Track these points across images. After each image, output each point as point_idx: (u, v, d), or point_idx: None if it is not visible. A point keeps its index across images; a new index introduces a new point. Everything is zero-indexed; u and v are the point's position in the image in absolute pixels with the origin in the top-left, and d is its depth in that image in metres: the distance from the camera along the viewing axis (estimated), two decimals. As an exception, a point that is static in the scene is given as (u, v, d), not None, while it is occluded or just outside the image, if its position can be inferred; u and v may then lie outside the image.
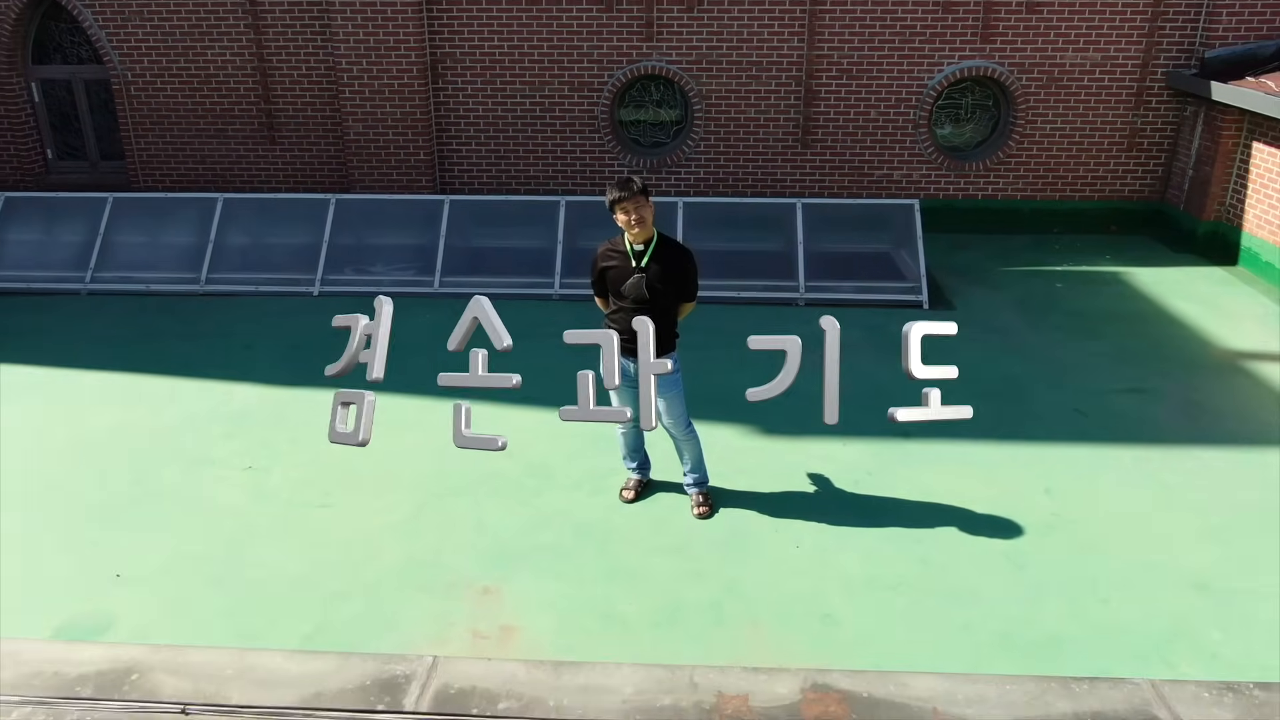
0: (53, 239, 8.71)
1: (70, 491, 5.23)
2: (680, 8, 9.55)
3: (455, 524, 4.87)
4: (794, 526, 4.86)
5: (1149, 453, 5.65)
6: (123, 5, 9.82)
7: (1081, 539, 4.75)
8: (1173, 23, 9.32)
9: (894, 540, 4.71)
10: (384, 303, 3.21)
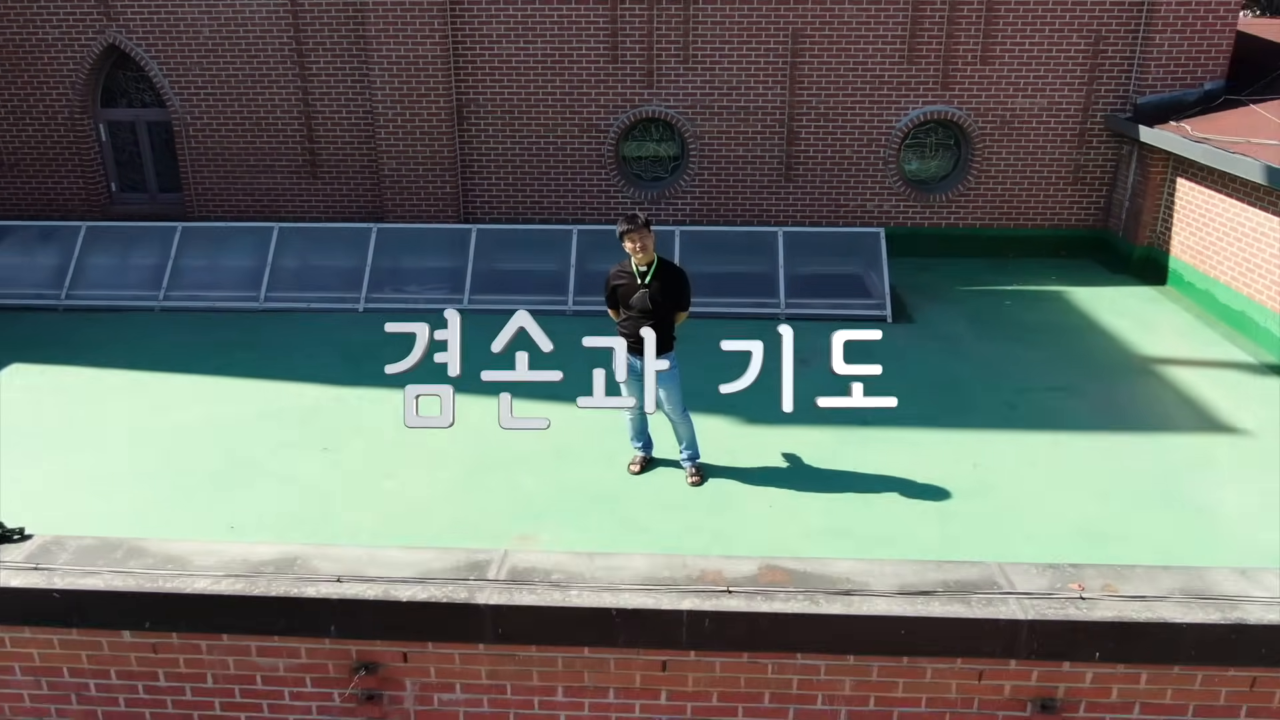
0: (129, 263, 9.97)
1: (180, 468, 6.44)
2: (676, 59, 10.88)
3: (495, 492, 6.09)
4: (769, 492, 6.09)
5: (1063, 437, 6.88)
6: (184, 57, 11.14)
7: (998, 501, 5.97)
8: (1109, 73, 10.66)
9: (847, 501, 5.94)
10: (453, 314, 4.43)
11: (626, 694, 3.84)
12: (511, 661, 3.82)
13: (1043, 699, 3.73)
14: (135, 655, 3.93)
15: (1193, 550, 5.34)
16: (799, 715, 3.80)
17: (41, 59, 11.29)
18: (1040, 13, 10.49)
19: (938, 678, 3.74)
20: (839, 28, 10.65)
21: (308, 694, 3.94)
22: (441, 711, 3.93)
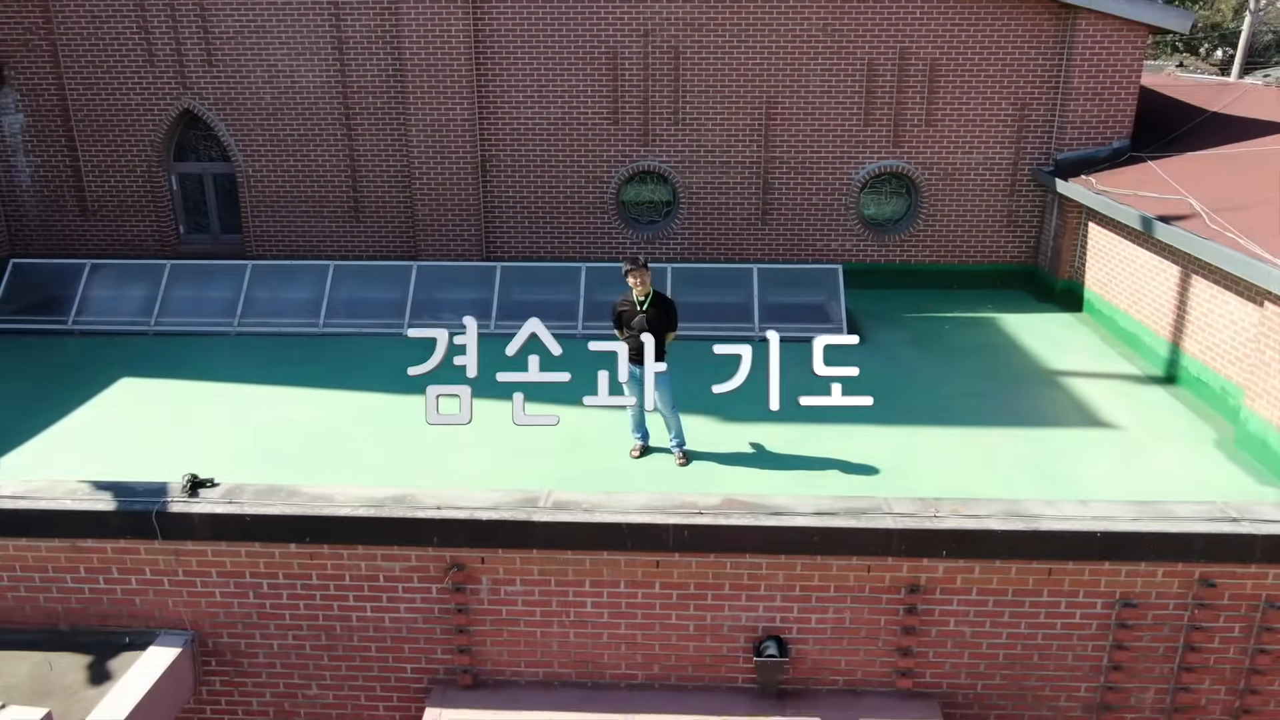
0: (207, 295, 11.88)
1: (274, 457, 8.28)
2: (668, 121, 12.89)
3: (527, 470, 7.92)
4: (743, 471, 7.96)
5: (974, 430, 8.78)
6: (248, 119, 13.13)
7: (915, 475, 7.84)
8: (1033, 133, 12.69)
9: (806, 475, 7.79)
10: (470, 321, 6.26)
11: (632, 584, 5.69)
12: (554, 562, 5.68)
13: (910, 584, 5.59)
14: (297, 561, 5.78)
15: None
16: (749, 596, 5.65)
17: (126, 121, 13.26)
18: (974, 83, 12.53)
19: (841, 570, 5.60)
20: (805, 95, 12.68)
21: (415, 588, 5.79)
22: (505, 599, 5.78)
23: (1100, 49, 12.13)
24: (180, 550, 5.78)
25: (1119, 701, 5.79)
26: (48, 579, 5.89)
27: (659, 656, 5.82)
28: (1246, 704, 5.73)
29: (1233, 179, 10.45)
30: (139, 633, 5.92)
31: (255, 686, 6.08)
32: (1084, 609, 5.60)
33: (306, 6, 12.61)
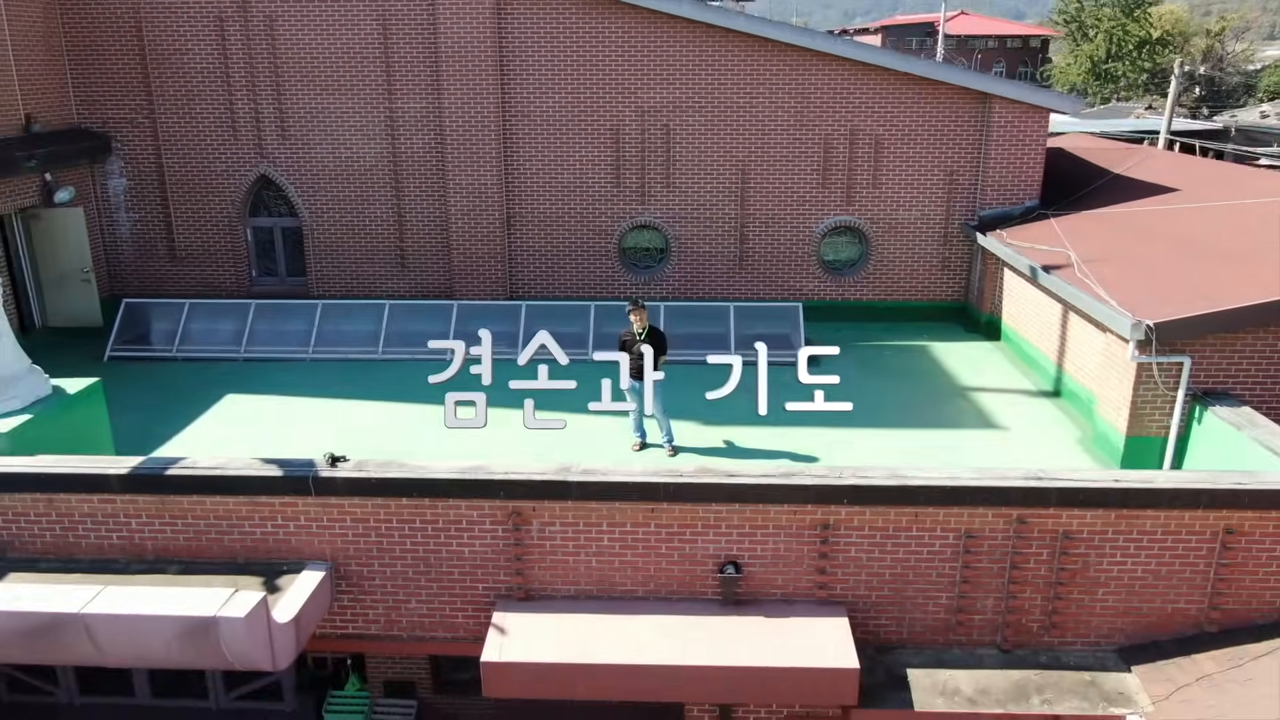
0: (285, 328, 14.66)
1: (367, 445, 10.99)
2: (661, 184, 15.76)
3: (552, 460, 10.65)
4: (725, 460, 10.69)
5: (896, 430, 11.53)
6: (313, 183, 15.98)
7: (844, 459, 10.57)
8: (961, 194, 15.58)
9: (763, 460, 10.54)
10: (485, 333, 9.02)
11: (634, 525, 8.40)
12: (582, 510, 8.39)
13: (823, 523, 8.30)
14: (405, 511, 8.48)
15: (938, 480, 9.95)
16: (714, 533, 8.36)
17: (211, 183, 16.12)
18: (911, 154, 15.44)
19: (776, 515, 8.31)
20: (774, 162, 15.58)
21: (487, 529, 8.50)
22: (549, 536, 8.48)
23: (1011, 127, 15.06)
24: (325, 504, 8.50)
25: (968, 605, 8.49)
26: (231, 525, 8.59)
27: (654, 576, 8.53)
28: (1055, 606, 8.44)
29: (1107, 235, 13.32)
30: (294, 563, 8.61)
31: (372, 601, 8.77)
32: (941, 540, 8.32)
33: (365, 91, 15.52)
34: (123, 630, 7.35)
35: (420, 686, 11.66)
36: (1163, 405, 10.31)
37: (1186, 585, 8.36)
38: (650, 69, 15.25)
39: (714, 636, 8.19)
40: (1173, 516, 8.21)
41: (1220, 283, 10.63)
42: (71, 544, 8.71)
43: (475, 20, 14.93)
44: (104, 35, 15.53)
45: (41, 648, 7.53)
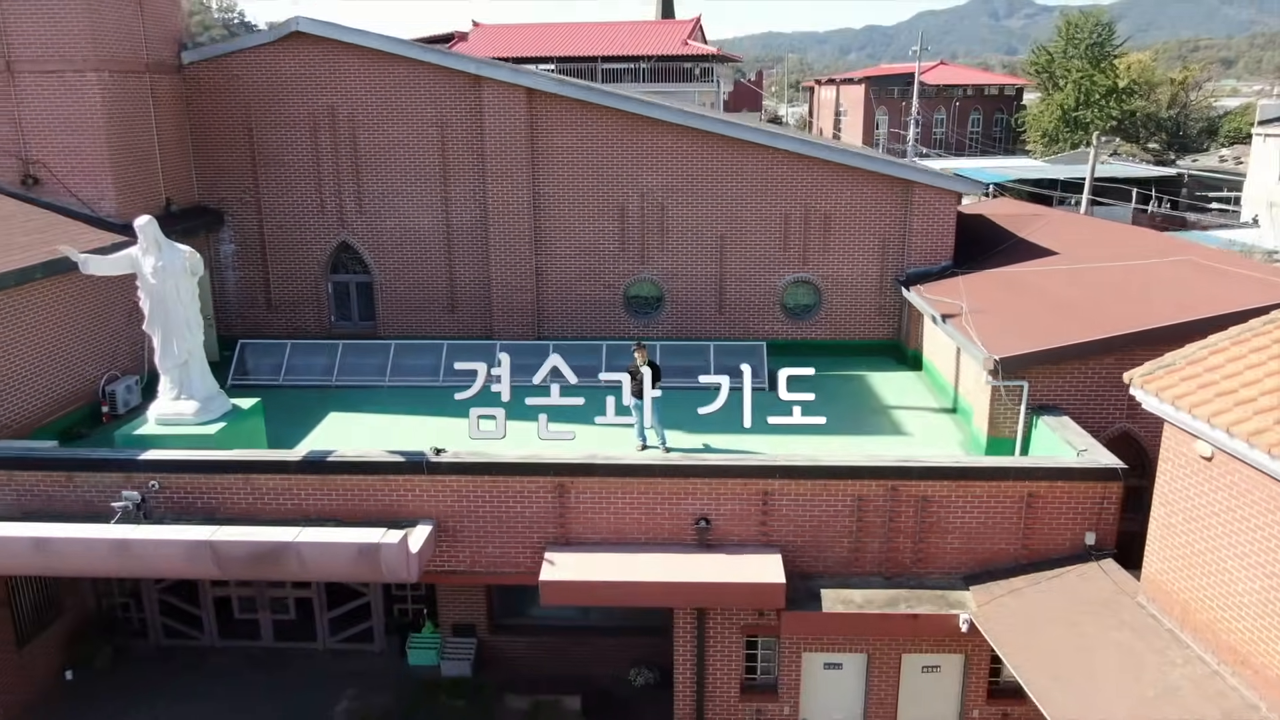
0: (365, 361, 19.05)
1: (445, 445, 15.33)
2: (658, 247, 20.24)
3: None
4: (709, 457, 15.04)
5: (830, 435, 15.86)
6: (383, 247, 20.45)
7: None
8: (892, 256, 20.06)
9: (733, 453, 14.89)
10: (505, 356, 13.42)
11: (640, 493, 12.72)
12: (604, 483, 12.73)
13: (765, 490, 12.64)
14: (486, 483, 12.81)
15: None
16: (693, 499, 12.68)
17: (301, 248, 20.58)
18: (853, 225, 19.93)
19: (732, 485, 12.65)
20: (745, 232, 20.06)
21: (540, 496, 12.82)
22: (581, 502, 12.80)
23: (928, 205, 19.58)
24: (433, 480, 12.84)
25: (861, 547, 12.82)
26: (370, 494, 12.91)
27: (652, 527, 12.86)
28: (918, 548, 12.76)
29: (994, 289, 17.76)
30: (411, 520, 12.92)
31: (462, 546, 13.08)
32: (842, 503, 12.67)
33: (425, 177, 20.05)
34: (319, 553, 11.69)
35: (479, 628, 16.03)
36: (1011, 416, 14.68)
37: (1005, 532, 12.73)
38: (647, 160, 19.79)
39: (692, 565, 12.54)
40: (993, 486, 12.60)
41: (1056, 328, 15.04)
42: (260, 509, 13.04)
43: (512, 123, 19.49)
44: (222, 134, 20.06)
45: (263, 567, 11.87)
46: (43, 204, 17.44)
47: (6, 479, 13.15)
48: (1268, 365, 10.22)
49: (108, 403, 16.87)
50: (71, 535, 11.93)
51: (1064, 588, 12.24)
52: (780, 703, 13.75)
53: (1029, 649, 11.29)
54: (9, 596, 14.93)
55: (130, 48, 18.13)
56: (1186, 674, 10.31)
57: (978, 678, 13.56)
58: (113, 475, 13.00)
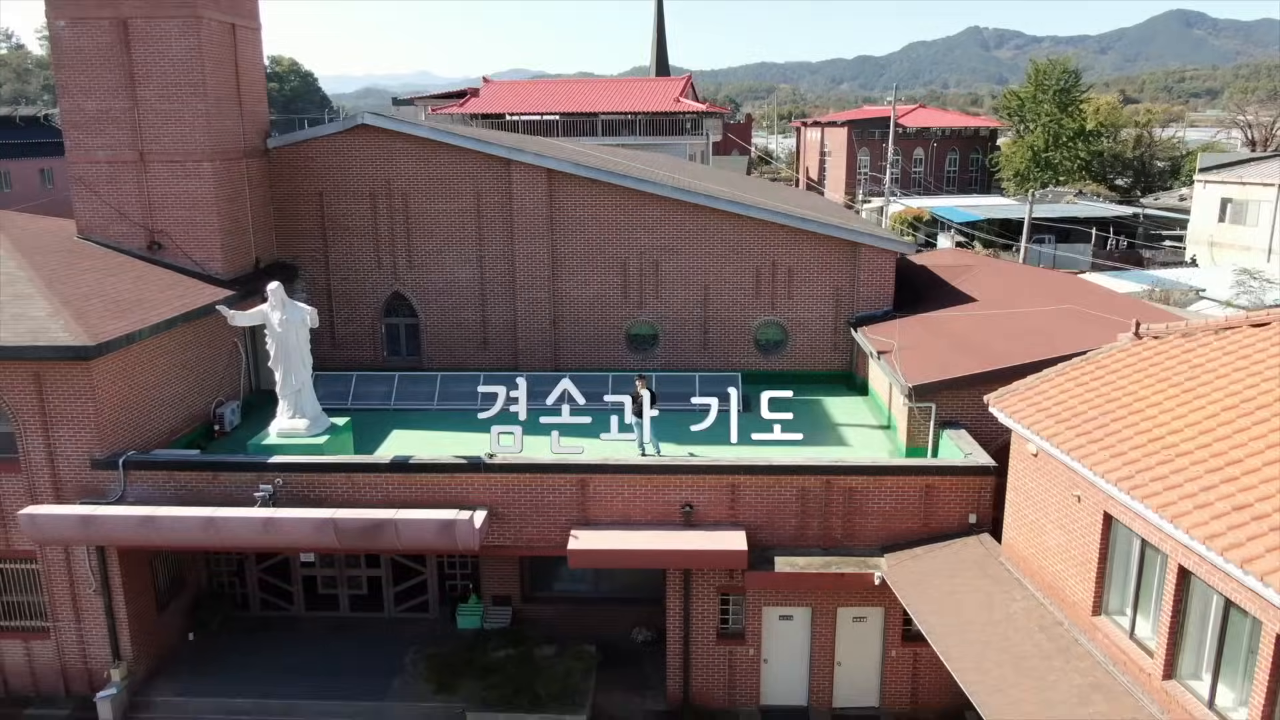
0: (418, 389, 23.68)
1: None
2: (653, 296, 24.99)
3: (596, 461, 19.65)
4: (692, 460, 19.68)
5: (791, 449, 20.52)
6: (429, 296, 25.15)
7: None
8: (844, 302, 24.81)
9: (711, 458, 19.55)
10: (522, 380, 18.18)
11: (640, 486, 17.34)
12: (616, 479, 17.34)
13: (733, 485, 17.26)
14: (527, 478, 17.41)
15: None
16: (680, 490, 17.28)
17: (361, 297, 25.28)
18: (811, 277, 24.71)
19: (710, 481, 17.27)
20: (724, 282, 24.83)
21: (566, 488, 17.42)
22: (598, 491, 17.41)
23: (872, 262, 24.38)
24: (487, 477, 17.46)
25: (805, 526, 17.43)
26: (440, 487, 17.50)
27: (650, 511, 17.47)
28: (846, 526, 17.38)
29: (920, 331, 22.50)
30: (471, 506, 17.50)
31: (508, 526, 17.66)
32: (790, 492, 17.31)
33: (463, 238, 24.82)
34: (411, 527, 16.28)
35: (513, 599, 20.61)
36: (924, 430, 19.34)
37: (910, 514, 17.37)
38: (643, 225, 24.59)
39: (679, 539, 17.16)
40: (901, 480, 17.26)
41: (959, 362, 19.72)
42: (357, 499, 17.63)
43: (535, 196, 24.29)
44: (298, 203, 24.83)
45: (369, 539, 16.45)
46: (164, 264, 22.13)
47: (168, 478, 17.76)
48: (1073, 391, 14.97)
49: (218, 422, 21.48)
50: (231, 515, 16.51)
51: (950, 553, 16.88)
52: (747, 646, 18.32)
53: (920, 596, 15.91)
54: (152, 576, 19.48)
55: (233, 140, 22.92)
56: (1021, 605, 14.94)
57: (894, 626, 18.14)
58: (248, 474, 17.62)
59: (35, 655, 19.09)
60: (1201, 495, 11.44)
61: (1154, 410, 13.59)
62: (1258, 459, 11.61)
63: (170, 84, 21.49)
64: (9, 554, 18.55)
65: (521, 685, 18.09)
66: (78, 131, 21.79)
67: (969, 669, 13.78)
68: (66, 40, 21.31)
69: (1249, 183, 51.62)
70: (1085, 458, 13.32)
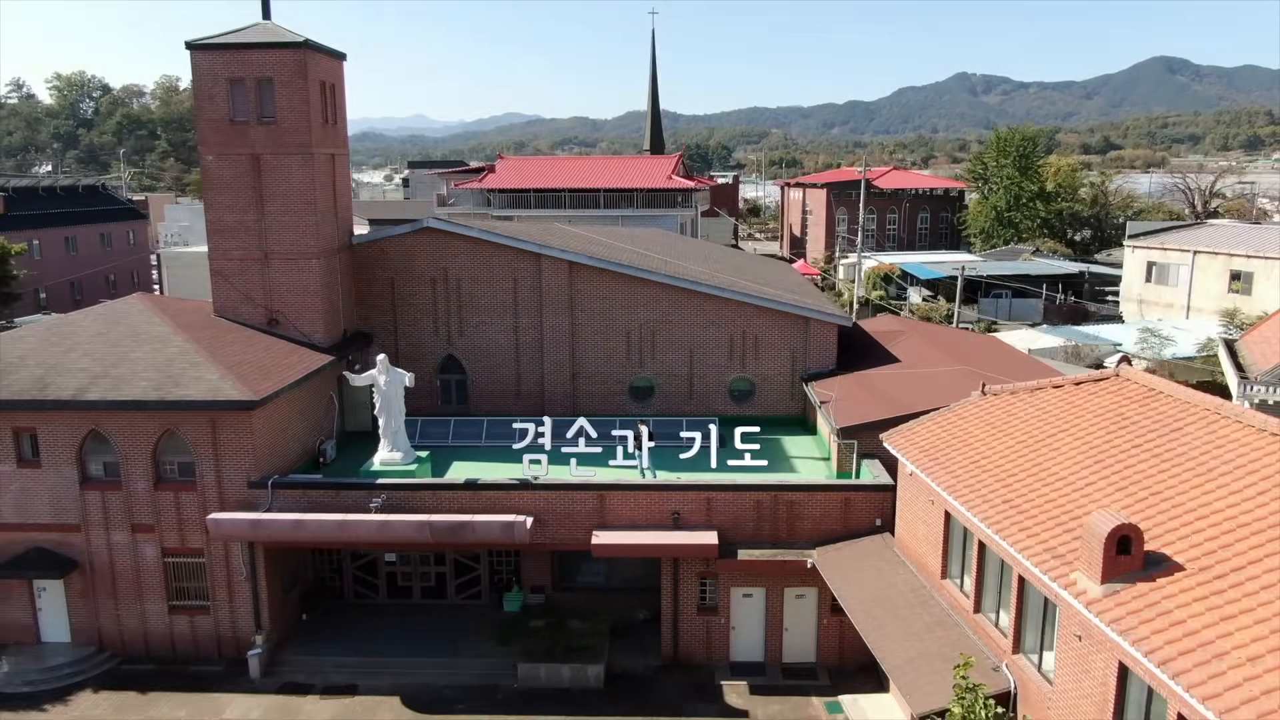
0: (468, 431, 30.90)
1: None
2: (650, 358, 32.34)
3: (608, 483, 26.86)
4: (680, 481, 26.91)
5: (751, 474, 27.73)
6: (475, 357, 32.46)
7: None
8: (799, 362, 32.17)
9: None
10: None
11: (642, 500, 24.49)
12: (625, 494, 24.48)
13: (708, 499, 24.42)
14: (557, 495, 24.55)
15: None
16: (669, 502, 24.41)
17: (422, 357, 32.56)
18: (773, 343, 32.09)
19: (691, 497, 24.42)
20: (705, 346, 32.22)
21: (588, 501, 24.58)
22: (612, 503, 24.54)
23: (819, 331, 31.81)
24: (533, 493, 24.63)
25: (760, 527, 24.57)
26: (498, 500, 24.63)
27: (649, 518, 24.64)
28: (790, 527, 24.52)
29: (853, 385, 29.81)
30: (521, 513, 24.60)
31: (548, 528, 24.75)
32: (750, 505, 24.49)
33: (503, 313, 32.21)
34: (484, 527, 23.41)
35: (547, 588, 27.76)
36: (849, 460, 26.54)
37: (833, 519, 24.59)
38: (642, 302, 32.00)
39: (670, 536, 24.33)
40: (827, 495, 24.52)
41: (876, 410, 26.95)
42: (440, 508, 24.74)
43: (559, 280, 31.73)
44: (374, 285, 32.21)
45: (453, 536, 23.55)
46: (281, 335, 29.41)
47: (302, 494, 24.88)
48: (935, 431, 22.27)
49: (321, 455, 28.64)
50: (357, 519, 23.63)
51: (860, 547, 24.03)
52: (719, 617, 25.37)
53: (838, 575, 23.05)
54: (280, 570, 26.51)
55: (331, 240, 30.34)
56: (903, 577, 22.09)
57: (825, 602, 25.19)
58: (361, 492, 24.76)
59: (197, 627, 26.07)
60: (991, 496, 18.70)
61: (979, 444, 20.90)
62: (1028, 474, 18.88)
63: (289, 201, 28.93)
64: (183, 550, 25.63)
65: (555, 645, 25.10)
66: (218, 236, 29.21)
67: (862, 617, 20.95)
68: (213, 170, 28.81)
69: (1169, 248, 59.44)
70: (933, 476, 20.58)
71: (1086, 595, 14.81)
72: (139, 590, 25.91)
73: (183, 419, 24.68)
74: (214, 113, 28.44)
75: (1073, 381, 22.51)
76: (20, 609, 26.15)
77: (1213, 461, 16.84)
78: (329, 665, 25.41)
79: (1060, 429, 20.05)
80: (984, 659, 18.28)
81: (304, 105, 28.28)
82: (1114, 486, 17.28)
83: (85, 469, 25.36)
